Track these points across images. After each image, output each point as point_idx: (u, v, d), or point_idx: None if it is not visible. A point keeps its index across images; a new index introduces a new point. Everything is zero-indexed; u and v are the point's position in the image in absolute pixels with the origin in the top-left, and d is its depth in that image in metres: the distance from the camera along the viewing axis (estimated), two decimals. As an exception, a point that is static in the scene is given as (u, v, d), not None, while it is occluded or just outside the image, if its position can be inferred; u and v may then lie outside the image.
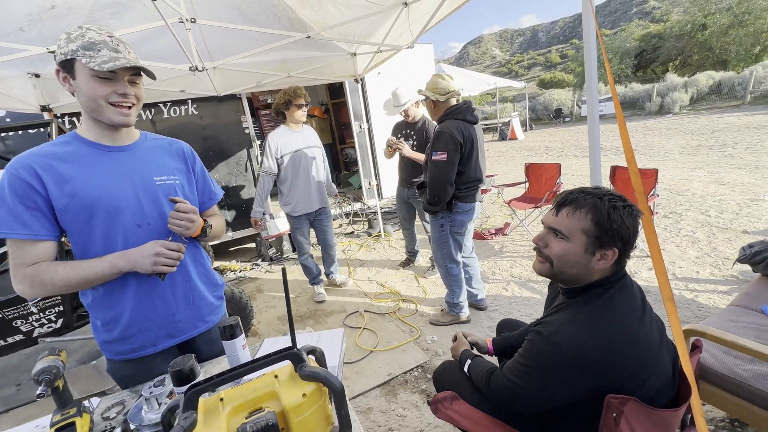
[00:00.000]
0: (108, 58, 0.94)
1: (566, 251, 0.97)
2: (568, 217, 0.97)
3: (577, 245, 0.95)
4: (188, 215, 1.09)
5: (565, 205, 0.98)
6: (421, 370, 2.27)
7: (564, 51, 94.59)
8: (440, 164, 2.21)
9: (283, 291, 0.79)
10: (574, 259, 0.96)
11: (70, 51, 0.93)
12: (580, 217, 0.94)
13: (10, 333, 1.97)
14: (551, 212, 1.03)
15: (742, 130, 9.31)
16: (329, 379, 0.72)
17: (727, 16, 20.22)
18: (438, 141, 2.22)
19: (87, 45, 0.93)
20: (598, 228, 0.92)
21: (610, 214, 0.91)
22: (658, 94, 16.60)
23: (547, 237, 1.02)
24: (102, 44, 0.95)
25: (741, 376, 1.34)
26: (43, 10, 2.12)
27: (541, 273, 1.05)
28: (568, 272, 0.99)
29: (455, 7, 2.44)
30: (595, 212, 0.93)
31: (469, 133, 2.23)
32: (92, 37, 0.95)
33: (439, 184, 2.24)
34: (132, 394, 1.09)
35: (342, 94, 5.14)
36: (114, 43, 0.97)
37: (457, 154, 2.20)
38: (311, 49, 3.40)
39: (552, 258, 1.00)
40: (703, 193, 4.93)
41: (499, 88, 14.62)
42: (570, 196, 0.99)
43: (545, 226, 1.04)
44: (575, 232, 0.95)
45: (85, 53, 0.93)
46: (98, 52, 0.94)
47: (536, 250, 1.06)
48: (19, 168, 0.95)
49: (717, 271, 2.95)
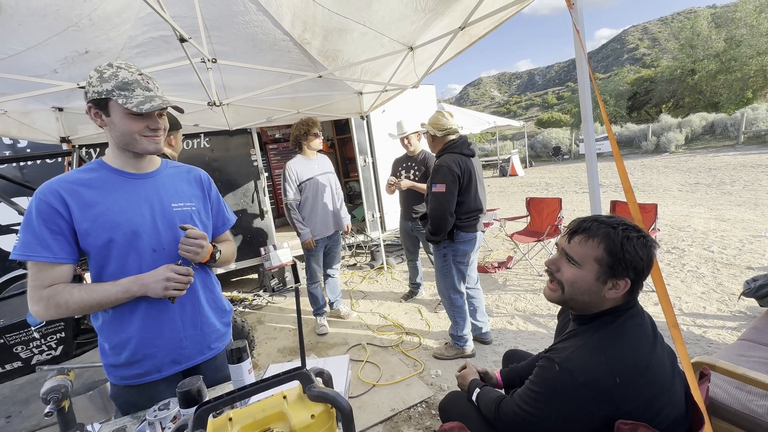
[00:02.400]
0: (144, 98, 1.02)
1: (578, 277, 0.96)
2: (580, 244, 0.97)
3: (588, 273, 0.95)
4: (198, 241, 1.12)
5: (578, 233, 0.98)
6: (426, 406, 2.19)
7: (560, 93, 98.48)
8: (440, 195, 2.30)
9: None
10: (585, 287, 0.96)
11: (105, 91, 0.99)
12: (593, 246, 0.94)
13: (9, 359, 1.94)
14: (564, 239, 1.03)
15: (738, 168, 9.49)
16: (338, 400, 0.72)
17: (715, 63, 21.26)
18: (437, 174, 2.33)
19: (121, 85, 1.00)
20: (611, 257, 0.92)
21: (624, 244, 0.91)
22: (654, 133, 17.09)
23: (560, 261, 1.01)
24: (135, 84, 1.02)
25: (755, 411, 1.30)
26: (77, 55, 2.28)
27: (552, 299, 1.04)
28: (579, 299, 0.98)
29: (457, 52, 2.62)
30: (608, 242, 0.93)
31: (466, 165, 2.33)
32: (125, 77, 1.01)
33: (440, 214, 2.31)
34: (133, 419, 1.08)
35: (348, 130, 5.35)
36: (145, 81, 1.05)
37: (456, 185, 2.30)
38: (320, 88, 3.59)
39: (563, 283, 0.99)
40: (704, 229, 4.95)
41: (499, 126, 15.09)
42: (583, 224, 0.99)
43: (558, 248, 1.04)
44: (587, 260, 0.95)
45: (120, 93, 1.00)
46: (133, 92, 1.01)
47: (548, 274, 1.06)
48: (47, 193, 1.00)
49: (724, 307, 2.92)
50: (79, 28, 1.93)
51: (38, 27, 1.83)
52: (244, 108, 3.68)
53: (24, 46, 1.96)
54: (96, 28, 1.99)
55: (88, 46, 2.13)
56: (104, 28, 2.00)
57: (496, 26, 2.21)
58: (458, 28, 2.21)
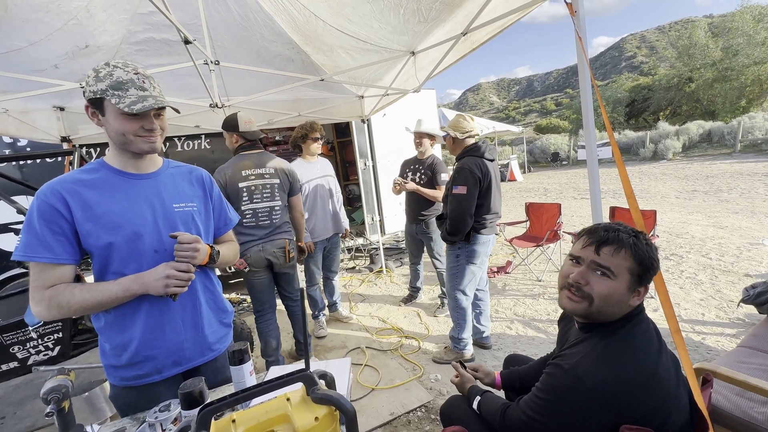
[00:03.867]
0: (136, 98, 1.00)
1: (611, 290, 0.94)
2: (612, 256, 0.95)
3: (622, 284, 0.93)
4: (191, 245, 1.10)
5: (606, 244, 0.96)
6: (425, 410, 2.18)
7: (559, 99, 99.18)
8: (461, 197, 2.33)
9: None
10: (618, 298, 0.94)
11: (100, 90, 0.99)
12: (626, 257, 0.94)
13: (5, 359, 1.93)
14: (590, 250, 0.98)
15: (735, 176, 9.56)
16: (342, 403, 0.72)
17: (712, 71, 21.49)
18: (459, 176, 2.36)
19: (115, 85, 0.99)
20: (641, 267, 0.93)
21: (649, 252, 0.94)
22: (651, 140, 17.21)
23: (588, 275, 0.97)
24: (129, 83, 1.01)
25: (756, 419, 1.30)
26: (77, 50, 2.29)
27: (576, 312, 1.00)
28: (608, 311, 0.95)
29: (458, 57, 2.64)
30: (637, 251, 0.93)
31: (487, 169, 2.37)
32: (120, 77, 1.00)
33: (460, 216, 2.34)
34: (132, 421, 1.07)
35: (348, 133, 5.36)
36: (140, 80, 1.03)
37: (476, 187, 2.33)
38: (322, 91, 3.61)
39: (594, 296, 0.95)
40: (702, 236, 4.97)
41: (498, 132, 15.20)
42: (609, 234, 0.97)
43: (585, 264, 0.98)
44: (622, 271, 0.94)
45: (114, 93, 0.99)
46: (126, 92, 1.00)
47: (569, 288, 1.01)
48: (48, 194, 1.00)
49: (723, 314, 2.92)
50: (79, 21, 1.95)
51: (41, 23, 1.84)
52: (245, 110, 3.68)
53: (26, 43, 1.97)
54: (93, 20, 1.99)
55: (87, 40, 2.15)
56: (101, 19, 2.01)
57: (499, 32, 2.22)
58: (460, 33, 2.22)
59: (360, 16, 2.25)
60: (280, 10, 2.41)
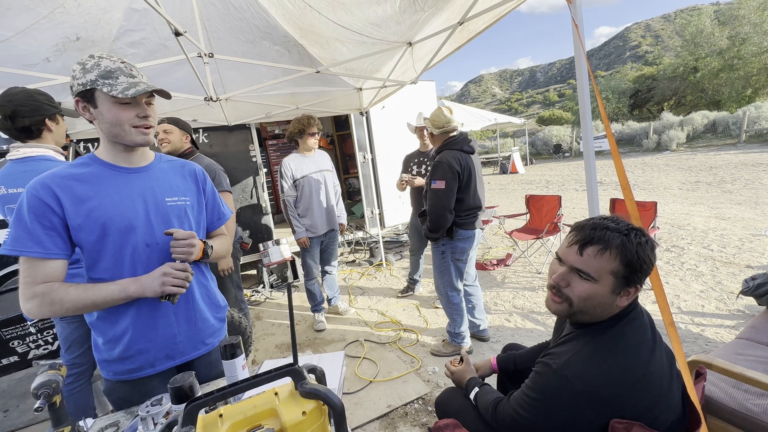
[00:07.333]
0: (128, 84, 1.00)
1: (593, 293, 0.90)
2: (595, 258, 0.89)
3: (604, 287, 0.89)
4: (188, 241, 1.10)
5: (591, 244, 0.90)
6: (422, 402, 2.19)
7: (562, 90, 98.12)
8: (439, 192, 2.28)
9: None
10: (600, 300, 0.90)
11: (89, 81, 0.98)
12: (609, 259, 0.88)
13: (6, 354, 1.94)
14: (573, 250, 0.93)
15: (739, 167, 9.46)
16: (330, 397, 0.72)
17: (718, 60, 21.16)
18: (436, 170, 2.30)
19: (104, 74, 0.98)
20: (628, 269, 0.87)
21: (639, 253, 0.87)
22: (655, 131, 17.04)
23: (569, 276, 0.93)
24: (118, 71, 1.00)
25: (751, 410, 1.30)
26: (68, 42, 2.26)
27: (558, 313, 0.98)
28: (591, 312, 0.92)
29: (456, 47, 2.60)
30: (625, 252, 0.87)
31: (466, 162, 2.31)
32: (108, 66, 1.00)
33: (439, 211, 2.30)
34: (126, 415, 1.07)
35: (347, 126, 5.32)
36: (128, 68, 1.03)
37: (455, 182, 2.28)
38: (319, 84, 3.57)
39: (573, 299, 0.92)
40: (704, 228, 4.94)
41: (500, 123, 15.07)
42: (595, 233, 0.90)
43: (567, 266, 0.94)
44: (604, 274, 0.88)
45: (105, 82, 0.98)
46: (117, 80, 0.99)
47: (550, 288, 0.98)
48: (39, 188, 0.98)
49: (722, 306, 2.91)
50: (66, 10, 1.91)
51: (25, 9, 1.82)
52: (242, 103, 3.65)
53: (13, 31, 1.94)
54: (83, 12, 1.97)
55: (78, 32, 2.11)
56: (92, 12, 1.98)
57: (495, 21, 2.19)
58: (457, 23, 2.19)
59: (356, 5, 2.21)
60: (274, 3, 2.37)
